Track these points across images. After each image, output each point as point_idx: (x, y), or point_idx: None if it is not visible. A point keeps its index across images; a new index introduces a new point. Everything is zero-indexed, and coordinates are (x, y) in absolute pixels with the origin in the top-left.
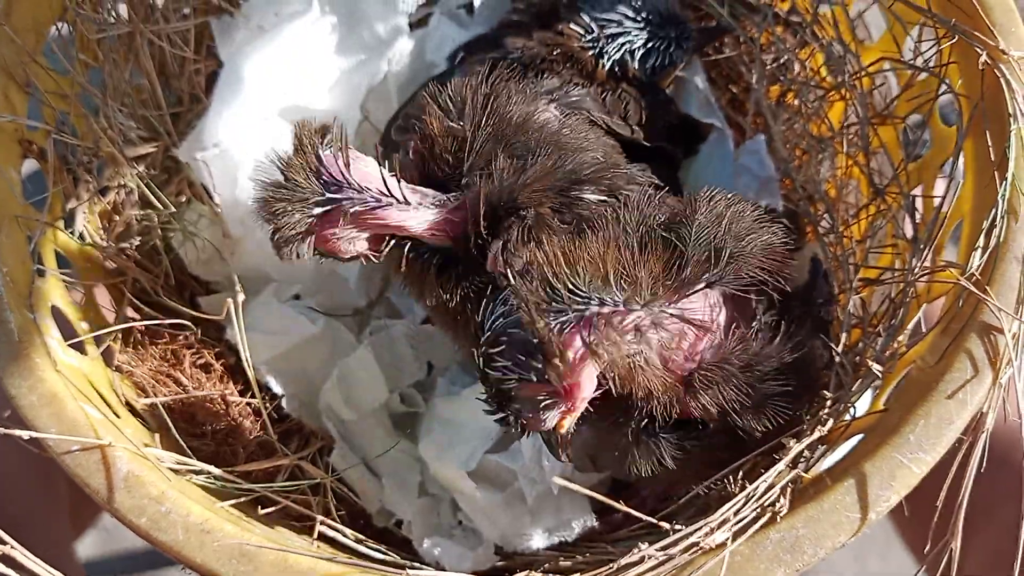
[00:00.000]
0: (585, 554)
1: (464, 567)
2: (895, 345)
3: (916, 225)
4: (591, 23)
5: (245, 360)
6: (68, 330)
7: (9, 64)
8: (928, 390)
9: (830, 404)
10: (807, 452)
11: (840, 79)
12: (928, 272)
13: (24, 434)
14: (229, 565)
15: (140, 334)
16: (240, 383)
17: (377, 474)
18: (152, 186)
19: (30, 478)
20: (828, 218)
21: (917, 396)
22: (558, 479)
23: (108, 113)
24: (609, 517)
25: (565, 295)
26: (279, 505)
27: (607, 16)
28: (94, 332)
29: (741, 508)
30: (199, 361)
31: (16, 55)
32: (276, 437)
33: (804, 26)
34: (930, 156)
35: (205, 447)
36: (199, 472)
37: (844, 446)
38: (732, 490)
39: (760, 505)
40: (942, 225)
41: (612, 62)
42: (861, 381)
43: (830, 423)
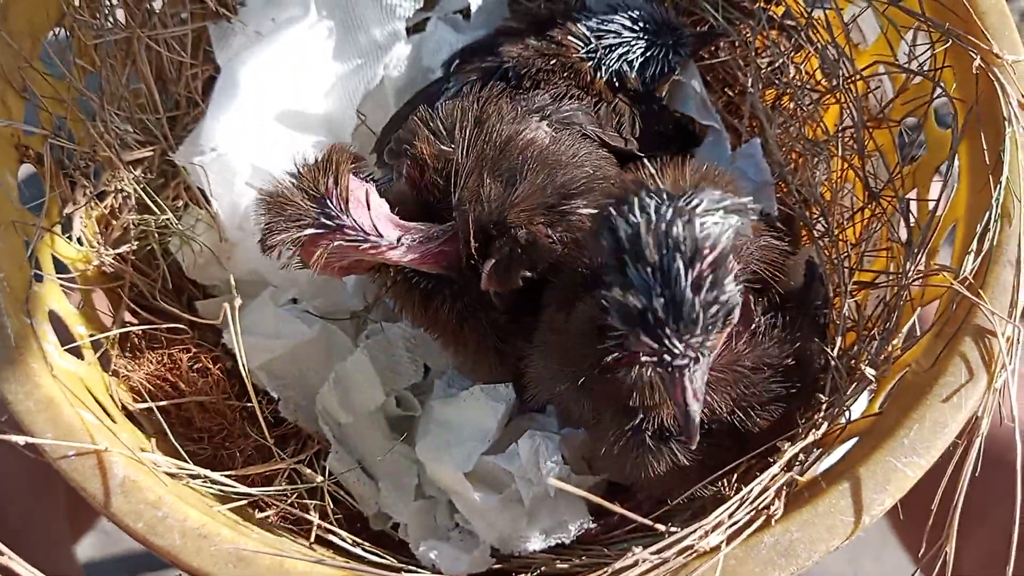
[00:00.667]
0: (581, 557)
1: (460, 570)
2: (890, 349)
3: (910, 229)
4: (588, 34)
5: (242, 364)
6: (65, 335)
7: (6, 69)
8: (923, 394)
9: (825, 407)
10: (802, 455)
11: (835, 83)
12: (922, 276)
13: (20, 439)
14: (226, 569)
15: (137, 338)
16: (237, 387)
17: (374, 477)
18: (149, 191)
19: (28, 480)
20: (823, 221)
21: (912, 400)
22: (554, 481)
23: (105, 118)
24: (605, 520)
25: None
26: (276, 509)
27: (604, 26)
28: (91, 337)
29: (736, 511)
30: (196, 365)
31: (13, 60)
32: (273, 441)
33: (799, 30)
34: (925, 159)
35: (202, 451)
36: (196, 476)
37: (839, 449)
38: (727, 493)
39: (755, 508)
40: (936, 229)
41: (611, 73)
42: (856, 384)
43: (825, 426)
